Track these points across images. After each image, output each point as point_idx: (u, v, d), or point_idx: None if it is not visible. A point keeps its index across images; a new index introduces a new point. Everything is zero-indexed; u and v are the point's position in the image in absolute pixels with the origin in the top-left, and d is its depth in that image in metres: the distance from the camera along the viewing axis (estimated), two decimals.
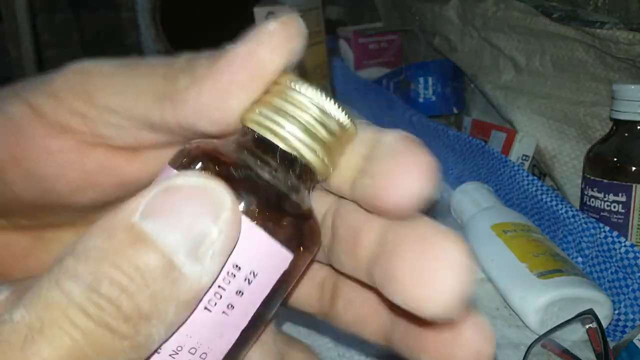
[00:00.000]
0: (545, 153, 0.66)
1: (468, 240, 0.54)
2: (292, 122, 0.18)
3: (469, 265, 0.16)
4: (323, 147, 0.18)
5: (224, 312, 0.17)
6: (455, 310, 0.16)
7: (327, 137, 0.18)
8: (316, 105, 0.18)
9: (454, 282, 0.16)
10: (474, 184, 0.61)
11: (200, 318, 0.16)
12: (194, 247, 0.15)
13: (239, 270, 0.17)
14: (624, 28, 0.52)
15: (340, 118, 0.18)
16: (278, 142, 0.18)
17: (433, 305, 0.16)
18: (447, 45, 0.86)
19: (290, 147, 0.18)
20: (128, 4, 1.46)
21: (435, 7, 0.85)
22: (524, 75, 0.70)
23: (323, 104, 0.18)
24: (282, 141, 0.18)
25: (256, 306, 0.17)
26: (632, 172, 0.50)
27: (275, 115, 0.18)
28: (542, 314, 0.43)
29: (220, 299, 0.16)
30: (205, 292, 0.16)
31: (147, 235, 0.15)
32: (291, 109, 0.18)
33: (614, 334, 0.44)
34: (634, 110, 0.49)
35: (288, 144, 0.18)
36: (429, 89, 0.90)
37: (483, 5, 0.73)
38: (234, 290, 0.17)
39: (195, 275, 0.15)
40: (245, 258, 0.17)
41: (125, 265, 0.14)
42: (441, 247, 0.16)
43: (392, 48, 1.08)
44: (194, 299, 0.15)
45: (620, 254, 0.44)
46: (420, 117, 0.81)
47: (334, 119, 0.18)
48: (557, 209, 0.52)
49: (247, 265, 0.17)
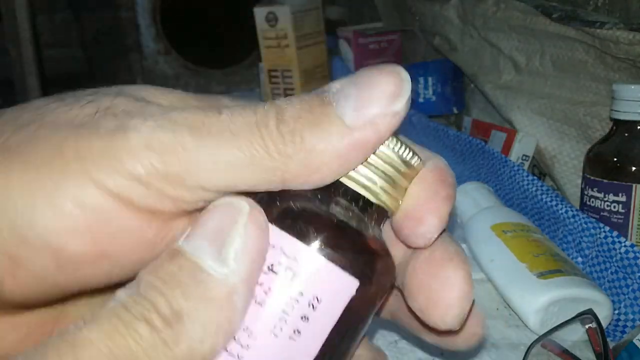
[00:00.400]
0: (545, 153, 0.66)
1: (468, 240, 0.54)
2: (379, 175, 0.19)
3: (469, 289, 0.20)
4: (396, 188, 0.19)
5: (290, 337, 0.17)
6: (458, 324, 0.20)
7: (400, 179, 0.19)
8: (398, 157, 0.19)
9: (456, 305, 0.20)
10: (474, 184, 0.61)
11: (268, 343, 0.17)
12: (217, 251, 0.17)
13: (302, 296, 0.17)
14: (624, 28, 0.52)
15: (413, 161, 0.19)
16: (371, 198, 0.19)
17: (441, 322, 0.20)
18: (447, 45, 0.86)
19: (379, 199, 0.19)
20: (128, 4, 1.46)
21: (435, 7, 0.85)
22: (524, 75, 0.70)
23: (402, 154, 0.19)
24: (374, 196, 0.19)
25: (325, 333, 0.18)
26: (632, 172, 0.50)
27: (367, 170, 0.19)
28: (542, 314, 0.43)
29: (285, 324, 0.17)
30: (241, 294, 0.17)
31: (182, 250, 0.17)
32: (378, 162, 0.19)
33: (614, 334, 0.44)
34: (634, 110, 0.49)
35: (378, 197, 0.19)
36: (429, 89, 0.90)
37: (483, 5, 0.73)
38: (298, 315, 0.17)
39: (221, 275, 0.17)
40: (308, 285, 0.18)
41: (161, 273, 0.17)
42: (448, 273, 0.20)
43: (392, 48, 1.08)
44: (225, 299, 0.17)
45: (620, 254, 0.44)
46: (420, 117, 0.81)
47: (408, 163, 0.19)
48: (557, 209, 0.52)
49: (310, 291, 0.18)
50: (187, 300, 0.16)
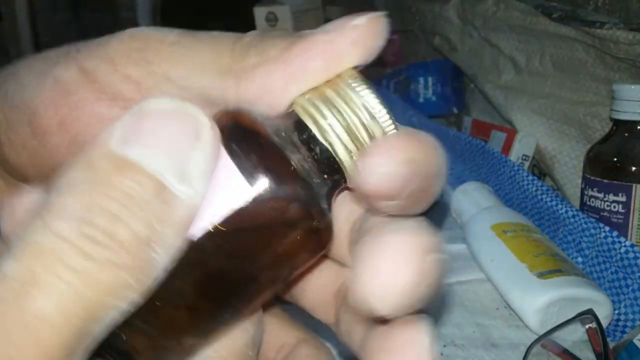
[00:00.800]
0: (545, 153, 0.66)
1: (468, 240, 0.54)
2: (337, 117, 0.17)
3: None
4: (361, 150, 0.17)
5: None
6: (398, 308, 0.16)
7: (368, 142, 0.17)
8: (367, 109, 0.17)
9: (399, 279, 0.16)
10: (474, 184, 0.61)
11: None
12: (180, 167, 0.15)
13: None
14: (624, 28, 0.52)
15: (386, 126, 0.17)
16: (315, 130, 0.17)
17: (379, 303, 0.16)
18: (447, 45, 0.86)
19: (326, 139, 0.17)
20: (128, 4, 1.46)
21: (435, 7, 0.85)
22: (524, 75, 0.70)
23: (374, 108, 0.17)
24: (319, 130, 0.17)
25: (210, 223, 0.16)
26: (632, 172, 0.50)
27: (323, 105, 0.17)
28: (542, 314, 0.43)
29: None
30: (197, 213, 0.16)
31: (131, 161, 0.15)
32: (341, 104, 0.17)
33: (614, 334, 0.44)
34: (634, 110, 0.49)
35: (325, 135, 0.17)
36: (429, 89, 0.90)
37: (483, 5, 0.73)
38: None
39: (186, 195, 0.15)
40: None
41: (114, 193, 0.14)
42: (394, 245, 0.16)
43: (392, 48, 1.08)
44: (188, 220, 0.15)
45: (620, 254, 0.44)
46: (420, 117, 0.81)
47: (380, 126, 0.17)
48: (557, 209, 0.52)
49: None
50: (154, 225, 0.14)
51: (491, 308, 0.47)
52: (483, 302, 0.48)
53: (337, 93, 0.17)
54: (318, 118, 0.17)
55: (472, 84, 0.85)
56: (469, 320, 0.46)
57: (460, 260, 0.53)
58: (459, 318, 0.46)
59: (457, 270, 0.52)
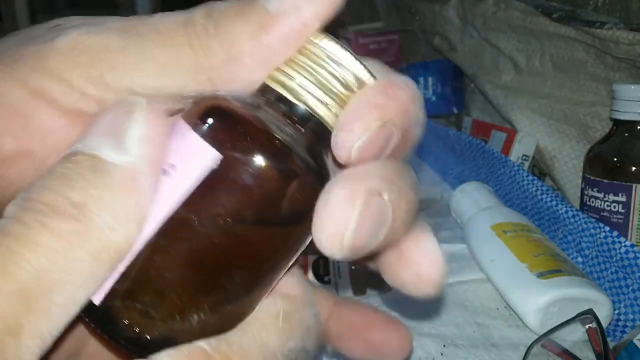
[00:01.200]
0: (545, 153, 0.66)
1: (468, 240, 0.54)
2: (304, 75, 0.17)
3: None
4: (339, 102, 0.17)
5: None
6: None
7: (344, 92, 0.17)
8: (332, 59, 0.17)
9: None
10: (474, 184, 0.61)
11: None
12: (115, 141, 0.16)
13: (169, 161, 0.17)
14: (624, 28, 0.52)
15: (357, 72, 0.17)
16: (286, 94, 0.17)
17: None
18: (447, 45, 0.86)
19: (299, 99, 0.17)
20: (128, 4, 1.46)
21: (435, 7, 0.85)
22: (524, 75, 0.70)
23: (339, 57, 0.17)
24: (290, 92, 0.17)
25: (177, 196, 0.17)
26: (632, 172, 0.50)
27: (289, 68, 0.17)
28: (542, 314, 0.43)
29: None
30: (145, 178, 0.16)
31: (74, 151, 0.16)
32: (306, 62, 0.17)
33: (614, 334, 0.44)
34: (634, 110, 0.49)
35: (296, 95, 0.17)
36: (429, 89, 0.90)
37: (483, 5, 0.73)
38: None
39: (122, 161, 0.16)
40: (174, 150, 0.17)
41: (54, 174, 0.16)
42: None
43: (392, 48, 1.08)
44: (130, 184, 0.16)
45: (620, 254, 0.44)
46: None
47: (351, 71, 0.17)
48: (557, 209, 0.52)
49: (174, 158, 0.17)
50: (89, 191, 0.15)
51: (491, 308, 0.47)
52: (483, 302, 0.48)
53: (300, 53, 0.17)
54: (287, 81, 0.17)
55: (472, 84, 0.85)
56: (469, 320, 0.45)
57: (460, 260, 0.53)
58: (459, 318, 0.46)
59: (457, 270, 0.52)
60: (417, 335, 0.44)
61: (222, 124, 0.17)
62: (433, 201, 0.69)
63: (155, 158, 0.17)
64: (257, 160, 0.16)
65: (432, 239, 0.19)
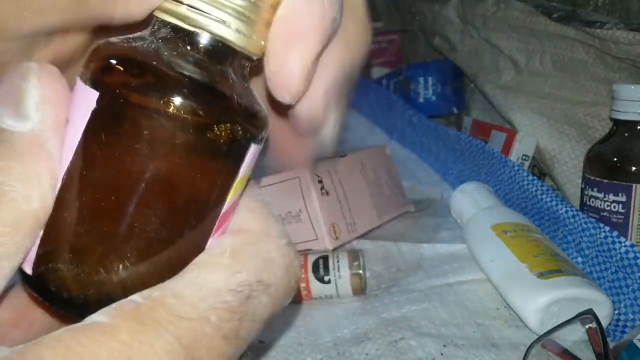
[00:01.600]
0: (545, 153, 0.66)
1: (468, 240, 0.54)
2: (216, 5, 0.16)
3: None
4: (242, 19, 0.16)
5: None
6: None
7: (244, 5, 0.16)
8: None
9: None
10: (474, 184, 0.61)
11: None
12: (14, 110, 0.16)
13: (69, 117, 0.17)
14: (624, 28, 0.52)
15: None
16: (177, 22, 0.16)
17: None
18: (447, 45, 0.86)
19: (192, 25, 0.16)
20: None
21: (435, 7, 0.85)
22: (524, 75, 0.70)
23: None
24: (181, 20, 0.16)
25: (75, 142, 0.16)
26: (632, 172, 0.50)
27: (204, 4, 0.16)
28: (542, 314, 0.43)
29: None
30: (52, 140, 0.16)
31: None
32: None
33: (614, 334, 0.44)
34: (634, 110, 0.49)
35: (189, 21, 0.16)
36: (429, 89, 0.90)
37: (483, 5, 0.73)
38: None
39: (23, 128, 0.16)
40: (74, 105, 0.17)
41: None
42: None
43: (392, 48, 1.08)
44: (38, 149, 0.16)
45: (620, 254, 0.44)
46: (420, 117, 0.81)
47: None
48: (557, 209, 0.52)
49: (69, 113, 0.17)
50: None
51: (491, 308, 0.47)
52: (483, 302, 0.48)
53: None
54: (175, 8, 0.16)
55: (472, 84, 0.85)
56: (469, 320, 0.46)
57: (460, 260, 0.53)
58: (459, 318, 0.46)
59: (457, 270, 0.52)
60: (417, 335, 0.44)
61: (99, 64, 0.16)
62: (433, 201, 0.69)
63: (58, 119, 0.17)
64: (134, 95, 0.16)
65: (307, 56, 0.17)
